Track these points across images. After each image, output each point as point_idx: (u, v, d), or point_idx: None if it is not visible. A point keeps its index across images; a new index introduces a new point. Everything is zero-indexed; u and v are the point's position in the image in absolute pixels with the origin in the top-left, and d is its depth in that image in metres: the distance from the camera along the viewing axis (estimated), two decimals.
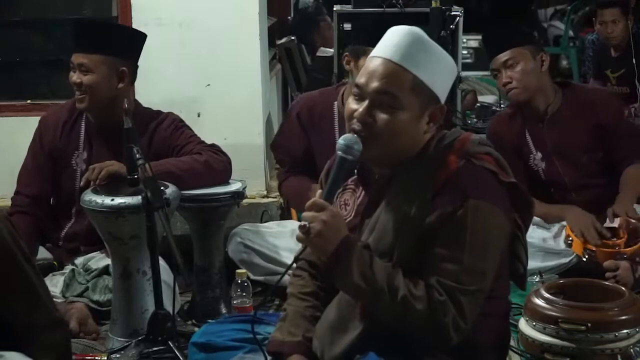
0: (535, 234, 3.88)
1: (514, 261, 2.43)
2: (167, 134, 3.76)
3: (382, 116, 2.26)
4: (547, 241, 3.90)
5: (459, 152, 2.30)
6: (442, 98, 2.33)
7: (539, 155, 4.07)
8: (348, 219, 2.42)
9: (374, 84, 2.27)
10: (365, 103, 2.28)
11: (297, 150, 4.04)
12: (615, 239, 3.82)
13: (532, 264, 3.72)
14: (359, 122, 2.28)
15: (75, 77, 3.64)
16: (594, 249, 3.77)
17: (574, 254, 3.84)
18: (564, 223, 3.97)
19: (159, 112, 3.83)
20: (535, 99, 4.02)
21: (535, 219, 3.89)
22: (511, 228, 2.34)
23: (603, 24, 5.87)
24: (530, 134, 4.09)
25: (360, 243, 2.26)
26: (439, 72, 2.31)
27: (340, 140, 2.28)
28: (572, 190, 4.05)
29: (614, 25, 5.81)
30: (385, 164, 2.36)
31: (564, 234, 3.93)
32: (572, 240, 3.85)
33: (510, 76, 3.97)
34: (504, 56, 3.99)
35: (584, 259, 3.80)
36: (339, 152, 2.27)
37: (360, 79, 2.30)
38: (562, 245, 3.88)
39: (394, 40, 2.30)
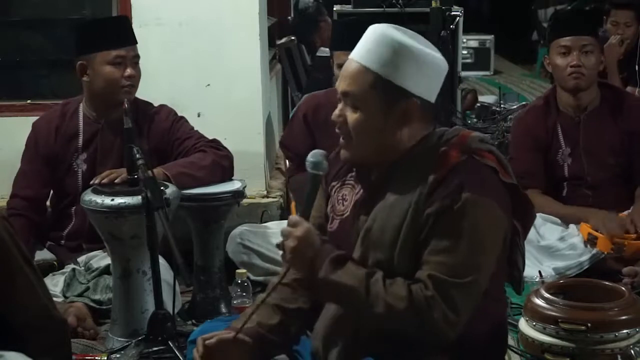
0: (551, 235, 3.90)
1: (511, 267, 2.41)
2: (166, 125, 3.77)
3: (349, 116, 2.30)
4: (566, 239, 3.89)
5: (460, 147, 2.29)
6: (423, 94, 2.28)
7: (568, 150, 4.09)
8: (345, 214, 2.42)
9: (340, 86, 2.31)
10: (340, 105, 2.33)
11: (303, 149, 4.07)
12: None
13: (552, 264, 3.77)
14: (337, 123, 2.33)
15: (129, 70, 3.64)
16: (625, 243, 3.76)
17: (593, 251, 3.80)
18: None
19: (151, 103, 3.84)
20: (584, 93, 4.05)
21: (553, 218, 3.94)
22: (509, 226, 2.32)
23: (615, 25, 5.80)
24: (562, 129, 4.10)
25: (334, 254, 2.26)
26: (411, 67, 2.25)
27: (309, 157, 2.33)
28: (589, 188, 4.06)
29: (626, 27, 5.74)
30: (372, 163, 2.36)
31: (580, 235, 3.90)
32: (596, 239, 3.81)
33: (584, 62, 3.99)
34: (584, 40, 4.01)
35: (612, 252, 3.77)
36: (309, 169, 2.33)
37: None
38: (581, 244, 3.86)
39: (363, 39, 2.31)
